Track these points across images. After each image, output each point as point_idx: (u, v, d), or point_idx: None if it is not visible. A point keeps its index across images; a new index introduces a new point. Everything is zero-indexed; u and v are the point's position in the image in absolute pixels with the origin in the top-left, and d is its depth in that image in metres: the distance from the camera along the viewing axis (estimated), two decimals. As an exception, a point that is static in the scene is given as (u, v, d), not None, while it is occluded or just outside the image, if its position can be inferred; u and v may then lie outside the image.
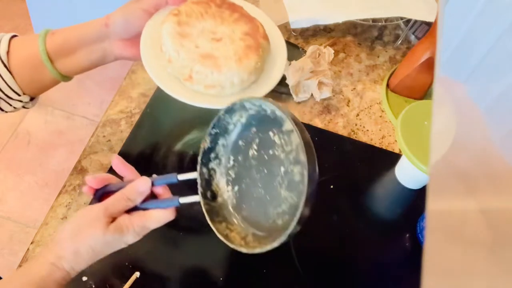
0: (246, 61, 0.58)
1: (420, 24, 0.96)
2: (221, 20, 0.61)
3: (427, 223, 0.28)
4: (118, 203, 0.53)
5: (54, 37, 0.59)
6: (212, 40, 0.59)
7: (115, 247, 0.53)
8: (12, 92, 0.59)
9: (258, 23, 0.62)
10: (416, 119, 0.70)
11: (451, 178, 0.30)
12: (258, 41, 0.60)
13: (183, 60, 0.58)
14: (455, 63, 0.35)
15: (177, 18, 0.59)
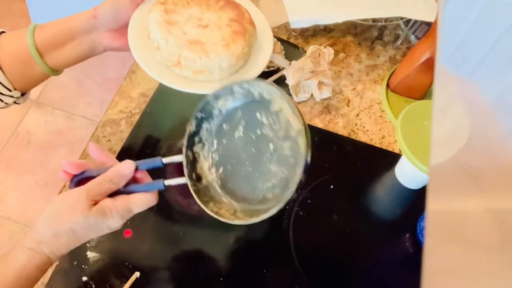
0: (233, 46, 0.59)
1: (420, 24, 0.96)
2: (207, 7, 0.62)
3: (427, 223, 0.28)
4: (100, 185, 0.51)
5: (42, 31, 0.59)
6: (199, 26, 0.60)
7: (98, 232, 0.51)
8: (3, 88, 0.59)
9: (243, 9, 0.63)
10: (416, 119, 0.70)
11: (451, 178, 0.30)
12: (244, 27, 0.61)
13: (171, 47, 0.59)
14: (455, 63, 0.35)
15: (163, 7, 0.60)
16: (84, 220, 0.49)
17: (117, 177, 0.52)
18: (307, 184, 0.75)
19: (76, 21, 0.59)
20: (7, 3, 1.97)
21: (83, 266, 0.64)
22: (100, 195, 0.51)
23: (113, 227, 0.52)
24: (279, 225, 0.71)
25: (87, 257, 0.64)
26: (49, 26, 0.59)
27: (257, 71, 0.63)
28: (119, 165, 0.52)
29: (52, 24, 0.60)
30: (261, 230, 0.70)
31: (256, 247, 0.69)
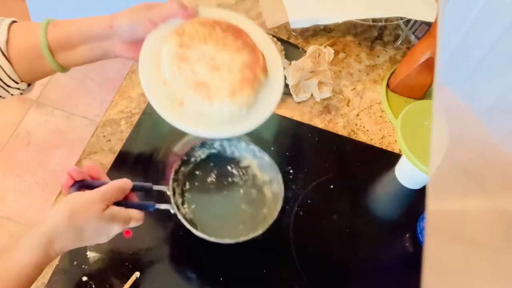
0: (239, 94, 0.58)
1: (420, 24, 0.96)
2: (223, 45, 0.60)
3: (427, 223, 0.28)
4: (111, 193, 0.55)
5: (56, 29, 0.58)
6: (210, 67, 0.58)
7: (99, 236, 0.55)
8: (11, 81, 0.59)
9: (259, 54, 0.60)
10: (416, 119, 0.70)
11: (451, 178, 0.30)
12: (255, 74, 0.59)
13: (177, 84, 0.58)
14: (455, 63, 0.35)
15: (179, 39, 0.58)
16: (96, 221, 0.52)
17: (121, 190, 0.57)
18: (307, 184, 0.75)
19: (92, 26, 0.59)
20: (7, 3, 1.97)
21: (83, 266, 0.64)
22: (110, 201, 0.55)
23: (112, 234, 0.56)
24: (279, 225, 0.71)
25: (87, 257, 0.64)
26: (63, 25, 0.58)
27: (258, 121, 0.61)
28: (122, 180, 0.58)
29: (66, 24, 0.59)
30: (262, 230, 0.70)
31: (256, 247, 0.69)
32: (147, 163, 0.74)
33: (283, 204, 0.72)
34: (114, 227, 0.55)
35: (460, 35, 0.34)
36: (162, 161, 0.74)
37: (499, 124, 0.31)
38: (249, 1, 0.98)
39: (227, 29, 0.61)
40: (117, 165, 0.73)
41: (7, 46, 0.57)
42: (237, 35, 0.61)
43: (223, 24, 0.61)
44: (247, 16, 0.91)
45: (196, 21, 0.61)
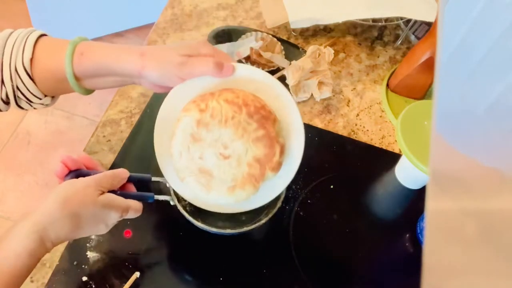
0: (239, 191, 0.57)
1: (420, 24, 0.96)
2: (242, 133, 0.56)
3: (427, 223, 0.28)
4: (106, 179, 0.54)
5: (83, 60, 0.56)
6: (219, 155, 0.56)
7: (98, 225, 0.53)
8: (34, 97, 0.58)
9: (277, 150, 0.57)
10: (416, 119, 0.70)
11: (451, 178, 0.30)
12: (264, 172, 0.56)
13: (181, 165, 0.57)
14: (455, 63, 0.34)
15: (199, 116, 0.56)
16: (92, 206, 0.51)
17: (117, 178, 0.56)
18: (307, 184, 0.75)
19: (121, 63, 0.56)
20: (7, 3, 1.97)
21: (83, 266, 0.64)
22: (105, 187, 0.53)
23: (110, 223, 0.54)
24: (279, 225, 0.71)
25: (87, 257, 0.64)
26: (90, 56, 0.56)
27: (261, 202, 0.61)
28: (118, 170, 0.56)
29: (94, 55, 0.56)
30: (261, 230, 0.70)
31: (256, 247, 0.69)
32: (147, 163, 0.74)
33: (283, 204, 0.72)
34: (111, 214, 0.53)
35: (460, 35, 0.34)
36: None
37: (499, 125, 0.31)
38: (249, 1, 0.98)
39: (253, 114, 0.56)
40: (117, 165, 0.73)
41: (31, 64, 0.55)
42: (261, 124, 0.56)
43: (252, 107, 0.56)
44: (247, 16, 0.91)
45: (224, 97, 0.56)
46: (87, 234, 0.53)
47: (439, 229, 0.28)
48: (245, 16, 0.96)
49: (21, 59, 0.55)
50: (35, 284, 0.62)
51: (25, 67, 0.55)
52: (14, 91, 0.57)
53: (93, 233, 0.54)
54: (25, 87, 0.56)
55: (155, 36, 0.90)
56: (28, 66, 0.55)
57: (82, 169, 0.57)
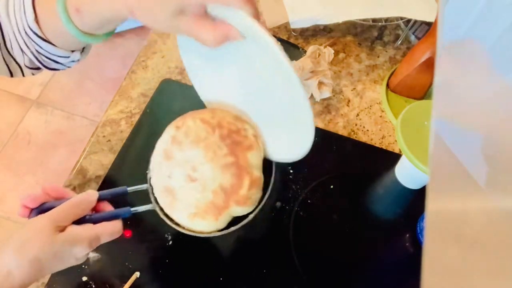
0: (198, 221, 0.53)
1: (420, 24, 0.96)
2: (212, 156, 0.53)
3: (427, 223, 0.28)
4: (65, 211, 0.50)
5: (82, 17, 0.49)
6: (187, 177, 0.53)
7: (64, 262, 0.49)
8: (60, 57, 0.55)
9: (246, 182, 0.53)
10: (416, 119, 0.70)
11: (451, 178, 0.30)
12: (228, 205, 0.52)
13: (153, 179, 0.56)
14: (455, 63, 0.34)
15: (175, 133, 0.56)
16: (50, 246, 0.47)
17: (82, 203, 0.51)
18: (307, 184, 0.75)
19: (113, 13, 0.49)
20: (7, 3, 1.97)
21: (83, 266, 0.64)
22: (66, 221, 0.49)
23: (79, 256, 0.50)
24: (279, 225, 0.71)
25: (87, 257, 0.64)
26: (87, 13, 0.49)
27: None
28: (85, 193, 0.52)
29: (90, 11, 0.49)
30: (261, 230, 0.70)
31: (256, 247, 0.69)
32: (147, 163, 0.74)
33: (283, 203, 0.72)
34: (76, 248, 0.49)
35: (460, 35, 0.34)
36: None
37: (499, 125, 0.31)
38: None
39: (225, 138, 0.54)
40: (117, 165, 0.73)
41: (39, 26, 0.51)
42: (232, 149, 0.54)
43: (225, 130, 0.54)
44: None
45: (201, 117, 0.56)
46: (55, 271, 0.50)
47: (439, 229, 0.28)
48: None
49: (26, 23, 0.51)
50: (35, 284, 0.62)
51: (33, 30, 0.51)
52: (36, 56, 0.54)
53: (63, 268, 0.50)
54: (44, 50, 0.53)
55: (155, 36, 0.90)
56: (36, 28, 0.51)
57: (46, 202, 0.53)
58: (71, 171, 0.72)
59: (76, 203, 0.51)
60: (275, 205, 0.72)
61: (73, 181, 0.71)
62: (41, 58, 0.54)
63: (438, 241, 0.28)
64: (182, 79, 0.85)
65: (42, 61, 0.55)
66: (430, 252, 0.27)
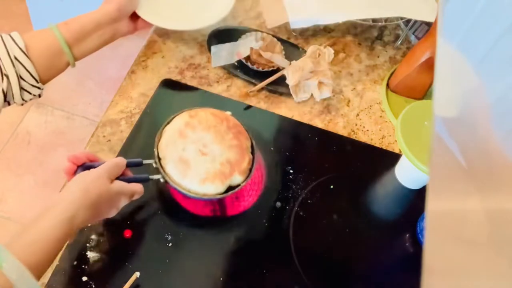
0: (208, 184, 0.65)
1: (420, 24, 0.96)
2: (221, 139, 0.68)
3: (427, 223, 0.28)
4: (112, 168, 0.60)
5: (68, 26, 0.67)
6: (199, 151, 0.67)
7: (111, 209, 0.60)
8: (33, 80, 0.64)
9: (246, 158, 0.69)
10: (416, 119, 0.70)
11: (451, 178, 0.30)
12: (232, 173, 0.67)
13: (166, 153, 0.67)
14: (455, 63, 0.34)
15: (188, 119, 0.70)
16: (107, 193, 0.57)
17: (119, 164, 0.62)
18: (307, 184, 0.75)
19: (102, 14, 0.69)
20: (7, 3, 1.97)
21: (83, 266, 0.64)
22: (113, 176, 0.60)
23: (120, 206, 0.61)
24: (279, 225, 0.71)
25: (87, 257, 0.64)
26: (74, 21, 0.68)
27: None
28: (116, 158, 0.63)
29: (77, 19, 0.68)
30: (261, 230, 0.70)
31: (256, 247, 0.69)
32: (147, 163, 0.74)
33: (283, 203, 0.72)
34: (122, 200, 0.60)
35: (460, 35, 0.34)
36: (162, 161, 0.74)
37: (499, 125, 0.31)
38: (249, 1, 0.98)
39: (232, 128, 0.70)
40: (117, 165, 0.73)
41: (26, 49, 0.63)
42: (237, 136, 0.70)
43: (231, 123, 0.71)
44: (247, 16, 0.91)
45: (211, 110, 0.72)
46: (102, 218, 0.61)
47: (439, 229, 0.28)
48: (245, 16, 0.96)
49: (17, 47, 0.62)
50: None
51: (23, 50, 0.62)
52: (19, 80, 0.63)
53: (106, 216, 0.60)
54: (25, 70, 0.63)
55: (155, 36, 0.90)
56: (25, 49, 0.63)
57: (87, 162, 0.62)
58: (71, 171, 0.72)
59: (116, 163, 0.61)
60: (275, 205, 0.72)
61: (73, 181, 0.71)
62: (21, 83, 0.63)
63: (438, 241, 0.28)
64: (182, 79, 0.85)
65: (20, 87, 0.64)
66: (430, 252, 0.27)
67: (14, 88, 0.63)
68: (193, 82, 0.85)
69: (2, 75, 0.61)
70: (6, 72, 0.61)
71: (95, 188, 0.56)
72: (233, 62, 0.86)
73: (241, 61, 0.85)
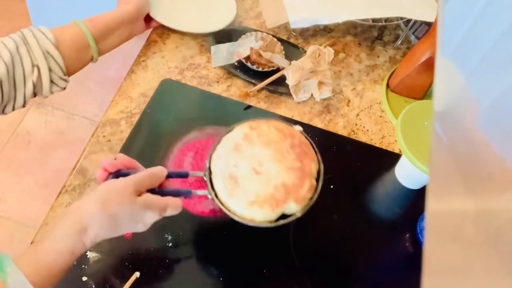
0: (256, 209, 0.57)
1: (420, 24, 0.96)
2: (280, 158, 0.60)
3: (427, 223, 0.28)
4: (144, 180, 0.55)
5: (93, 23, 0.71)
6: (252, 169, 0.59)
7: (136, 224, 0.54)
8: (61, 72, 0.67)
9: (307, 184, 0.59)
10: (416, 119, 0.70)
11: (451, 178, 0.30)
12: (285, 200, 0.58)
13: (215, 165, 0.60)
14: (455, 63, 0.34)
15: (248, 131, 0.62)
16: (130, 207, 0.52)
17: (156, 175, 0.57)
18: (307, 184, 0.75)
19: (123, 13, 0.75)
20: (7, 3, 1.97)
21: (83, 266, 0.64)
22: (143, 187, 0.55)
23: (148, 222, 0.55)
24: (279, 225, 0.71)
25: (87, 257, 0.64)
26: (99, 18, 0.72)
27: None
28: (157, 167, 0.58)
29: (101, 17, 0.72)
30: (261, 230, 0.70)
31: (256, 247, 0.69)
32: (147, 163, 0.74)
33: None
34: (149, 214, 0.54)
35: (460, 35, 0.34)
36: (162, 161, 0.74)
37: (498, 125, 0.31)
38: (249, 1, 0.98)
39: (296, 146, 0.62)
40: (117, 165, 0.73)
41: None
42: (300, 157, 0.61)
43: (296, 140, 0.62)
44: (247, 16, 0.91)
45: (275, 124, 0.64)
46: (125, 232, 0.55)
47: (439, 229, 0.28)
48: (245, 16, 0.96)
49: (47, 40, 0.65)
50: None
51: (53, 44, 0.65)
52: (50, 72, 0.65)
53: (131, 231, 0.56)
54: (57, 64, 0.66)
55: (155, 36, 0.90)
56: (56, 44, 0.65)
57: (122, 169, 0.58)
58: (71, 171, 0.72)
59: (152, 174, 0.57)
60: (275, 205, 0.72)
61: (73, 181, 0.71)
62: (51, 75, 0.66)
63: (438, 241, 0.28)
64: (182, 79, 0.85)
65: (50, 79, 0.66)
66: (430, 252, 0.27)
67: (44, 80, 0.64)
68: (193, 82, 0.85)
69: (33, 66, 0.63)
70: (37, 63, 0.63)
71: (116, 200, 0.51)
72: (233, 62, 0.86)
73: (241, 61, 0.85)
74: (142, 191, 0.55)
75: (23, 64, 0.62)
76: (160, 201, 0.55)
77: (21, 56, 0.62)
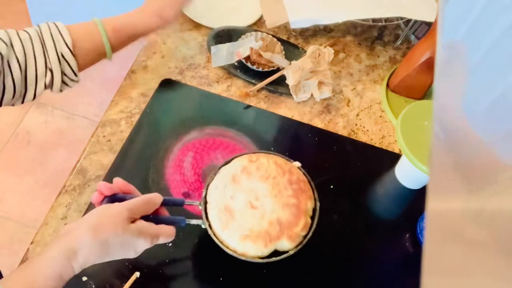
0: (249, 243, 0.58)
1: (420, 24, 0.96)
2: (277, 193, 0.61)
3: (427, 223, 0.28)
4: (139, 206, 0.54)
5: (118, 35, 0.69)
6: (248, 203, 0.60)
7: (127, 251, 0.53)
8: (74, 75, 0.66)
9: (302, 222, 0.60)
10: (416, 119, 0.70)
11: (451, 178, 0.30)
12: (280, 236, 0.59)
13: (213, 197, 0.61)
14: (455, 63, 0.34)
15: (247, 164, 0.63)
16: (122, 234, 0.51)
17: (151, 202, 0.56)
18: (307, 184, 0.75)
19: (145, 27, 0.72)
20: (7, 3, 1.97)
21: (83, 266, 0.63)
22: (137, 214, 0.54)
23: (139, 250, 0.54)
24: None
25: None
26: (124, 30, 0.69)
27: None
28: (152, 194, 0.57)
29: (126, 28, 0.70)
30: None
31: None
32: (147, 163, 0.74)
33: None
34: (140, 242, 0.53)
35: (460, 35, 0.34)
36: (161, 161, 0.74)
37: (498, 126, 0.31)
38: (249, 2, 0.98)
39: (294, 183, 0.62)
40: (117, 165, 0.73)
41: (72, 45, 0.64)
42: (296, 194, 0.61)
43: (294, 177, 0.63)
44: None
45: (275, 159, 0.64)
46: (115, 258, 0.53)
47: (439, 229, 0.28)
48: (245, 16, 0.96)
49: (64, 43, 0.63)
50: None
51: (70, 48, 0.63)
52: (62, 76, 0.64)
53: (121, 257, 0.54)
54: (70, 68, 0.64)
55: (155, 36, 0.90)
56: (71, 46, 0.63)
57: (118, 193, 0.57)
58: (71, 171, 0.72)
59: (147, 201, 0.56)
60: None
61: (73, 181, 0.71)
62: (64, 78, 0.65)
63: (438, 241, 0.28)
64: (182, 79, 0.85)
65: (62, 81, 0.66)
66: (430, 252, 0.27)
67: (56, 82, 0.64)
68: (193, 82, 0.85)
69: (47, 69, 0.62)
70: (51, 67, 0.62)
71: (109, 226, 0.50)
72: (233, 62, 0.86)
73: (241, 61, 0.85)
74: (136, 217, 0.54)
75: (36, 65, 0.61)
76: (153, 229, 0.54)
77: (36, 56, 0.61)
